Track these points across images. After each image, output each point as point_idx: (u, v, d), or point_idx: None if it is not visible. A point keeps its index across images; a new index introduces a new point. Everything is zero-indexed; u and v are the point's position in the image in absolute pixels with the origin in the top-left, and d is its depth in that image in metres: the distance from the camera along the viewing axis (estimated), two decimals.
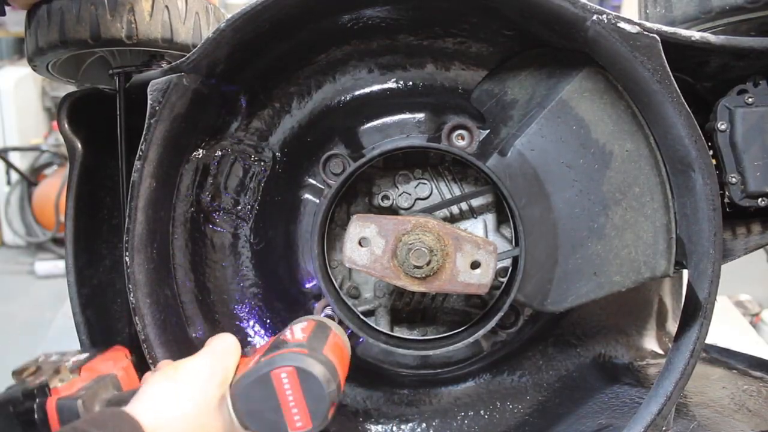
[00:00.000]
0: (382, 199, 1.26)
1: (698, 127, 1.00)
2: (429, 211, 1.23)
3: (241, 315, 1.37)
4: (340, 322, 1.18)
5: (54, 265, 4.98)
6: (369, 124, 1.32)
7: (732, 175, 1.10)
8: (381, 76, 1.34)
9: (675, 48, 1.02)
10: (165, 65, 1.18)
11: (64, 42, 1.21)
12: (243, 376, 0.89)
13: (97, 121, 1.28)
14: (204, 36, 1.24)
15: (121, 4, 1.18)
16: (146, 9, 1.18)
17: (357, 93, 1.35)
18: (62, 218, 3.23)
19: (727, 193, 1.10)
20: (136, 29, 1.19)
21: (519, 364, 1.42)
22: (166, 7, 1.20)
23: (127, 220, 1.09)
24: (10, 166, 5.38)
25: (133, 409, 0.85)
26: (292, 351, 0.90)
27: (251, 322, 1.38)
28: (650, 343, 1.48)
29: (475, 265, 1.06)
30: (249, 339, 1.38)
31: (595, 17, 1.00)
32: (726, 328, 2.19)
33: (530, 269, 1.14)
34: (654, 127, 1.09)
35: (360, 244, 1.06)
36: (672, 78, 0.99)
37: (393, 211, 1.26)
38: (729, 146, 1.10)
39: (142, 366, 1.18)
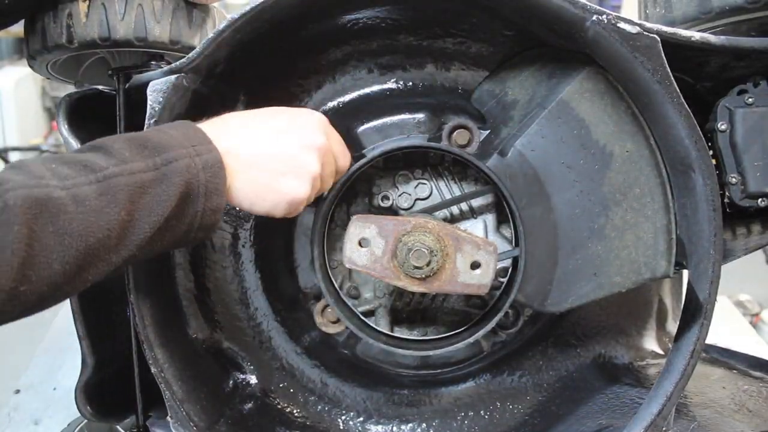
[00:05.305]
0: (382, 200, 1.26)
1: (698, 127, 1.00)
2: (429, 211, 1.23)
3: (241, 315, 1.37)
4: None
5: None
6: (369, 125, 1.31)
7: (732, 176, 1.10)
8: (381, 77, 1.34)
9: (675, 48, 1.01)
10: (165, 66, 1.17)
11: (32, 54, 1.28)
12: None
13: (97, 122, 1.27)
14: (151, 28, 1.23)
15: (60, 9, 1.20)
16: (83, 10, 1.18)
17: (357, 93, 1.35)
18: None
19: (727, 193, 1.10)
20: (74, 32, 1.19)
21: (519, 364, 1.42)
22: (103, 5, 1.19)
23: None
24: None
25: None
26: None
27: (251, 323, 1.38)
28: (650, 343, 1.48)
29: (475, 265, 1.06)
30: (249, 339, 1.38)
31: (595, 17, 1.00)
32: (726, 328, 2.19)
33: (530, 270, 1.14)
34: (654, 128, 1.09)
35: (360, 244, 1.06)
36: (672, 78, 0.99)
37: (393, 211, 1.26)
38: (729, 146, 1.10)
39: (142, 365, 1.18)
